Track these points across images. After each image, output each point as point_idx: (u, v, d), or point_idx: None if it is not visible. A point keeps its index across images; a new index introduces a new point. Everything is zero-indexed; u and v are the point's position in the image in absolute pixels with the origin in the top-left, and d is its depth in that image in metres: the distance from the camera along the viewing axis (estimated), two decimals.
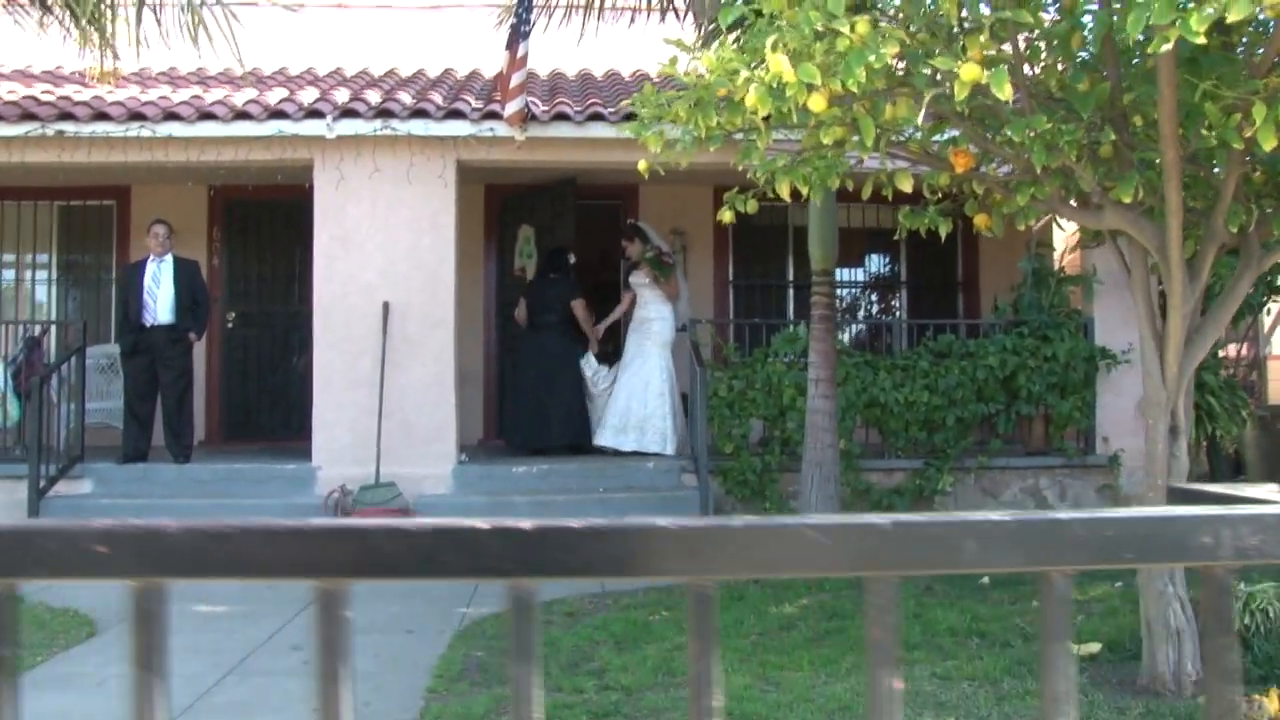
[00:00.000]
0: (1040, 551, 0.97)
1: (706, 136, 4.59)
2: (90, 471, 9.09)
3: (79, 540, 0.86)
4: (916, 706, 4.49)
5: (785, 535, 0.94)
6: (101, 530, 0.86)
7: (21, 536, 0.86)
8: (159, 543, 0.87)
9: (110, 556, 0.86)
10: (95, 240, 11.39)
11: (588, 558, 0.91)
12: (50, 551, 0.86)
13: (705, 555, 0.93)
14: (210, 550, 0.87)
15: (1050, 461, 9.26)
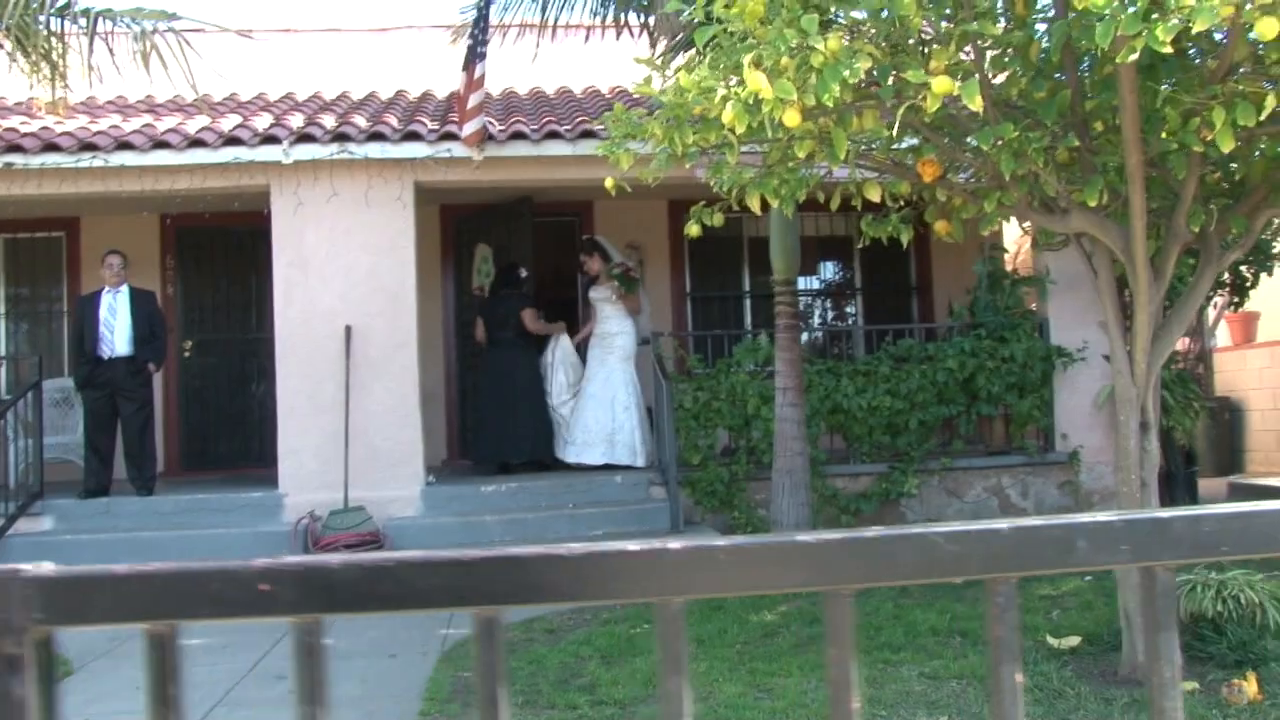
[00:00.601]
0: (1145, 548, 1.03)
1: (683, 153, 4.65)
2: (50, 508, 8.94)
3: (244, 580, 0.89)
4: (910, 706, 4.57)
5: (917, 543, 1.00)
6: (264, 569, 0.89)
7: (191, 577, 0.89)
8: (320, 579, 0.90)
9: (274, 594, 0.89)
10: (44, 273, 11.22)
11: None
12: (217, 591, 0.90)
13: (842, 564, 0.98)
14: (371, 584, 0.90)
15: (1012, 460, 9.43)
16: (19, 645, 0.88)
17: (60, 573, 0.89)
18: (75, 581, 0.89)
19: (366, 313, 8.98)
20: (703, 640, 5.87)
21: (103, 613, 0.89)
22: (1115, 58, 4.64)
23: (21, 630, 0.88)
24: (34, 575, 0.88)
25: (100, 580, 0.89)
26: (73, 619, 0.89)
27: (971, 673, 4.94)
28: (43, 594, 0.88)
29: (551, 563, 0.91)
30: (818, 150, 4.86)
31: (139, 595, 0.89)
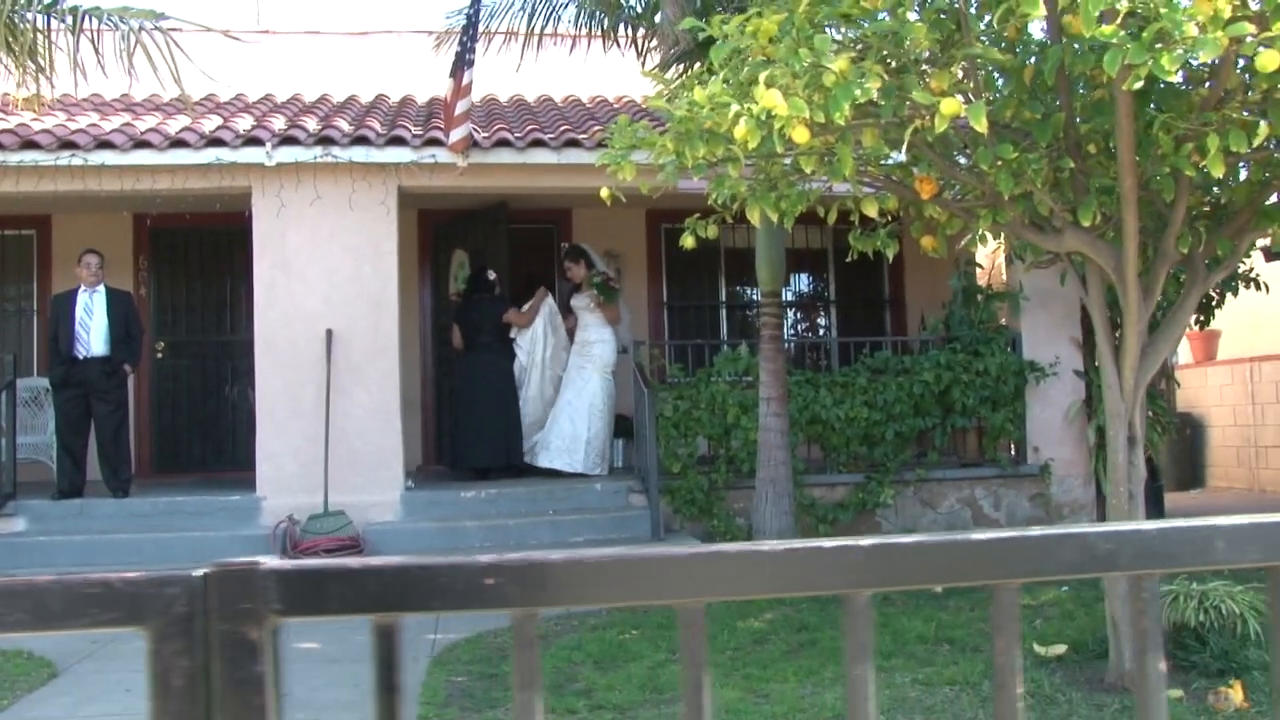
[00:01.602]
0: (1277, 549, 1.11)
1: (692, 165, 4.73)
2: (23, 509, 8.84)
3: (470, 574, 0.95)
4: (905, 711, 4.66)
5: (1068, 543, 1.07)
6: (489, 564, 0.95)
7: (420, 571, 0.95)
8: (541, 573, 0.96)
9: (497, 587, 0.95)
10: (15, 271, 11.10)
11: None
12: (445, 585, 0.95)
13: (1014, 561, 1.05)
14: (588, 578, 0.96)
15: (985, 472, 9.59)
16: (259, 632, 0.93)
17: (296, 566, 0.94)
18: (309, 575, 0.94)
19: (348, 316, 8.97)
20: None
21: (334, 604, 0.95)
22: (1108, 83, 4.80)
23: (262, 619, 0.93)
24: (272, 568, 0.94)
25: (333, 574, 0.95)
26: (307, 610, 0.95)
27: (963, 679, 5.05)
28: (280, 586, 0.94)
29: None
30: (820, 166, 4.96)
31: (370, 588, 0.95)
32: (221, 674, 0.93)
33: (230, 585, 0.93)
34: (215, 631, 0.93)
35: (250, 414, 10.80)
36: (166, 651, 0.93)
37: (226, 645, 0.93)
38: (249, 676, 0.93)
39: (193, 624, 0.93)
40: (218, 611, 0.93)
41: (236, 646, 0.93)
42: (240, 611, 0.93)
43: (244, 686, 0.93)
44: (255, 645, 0.93)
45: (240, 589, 0.93)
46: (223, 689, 0.93)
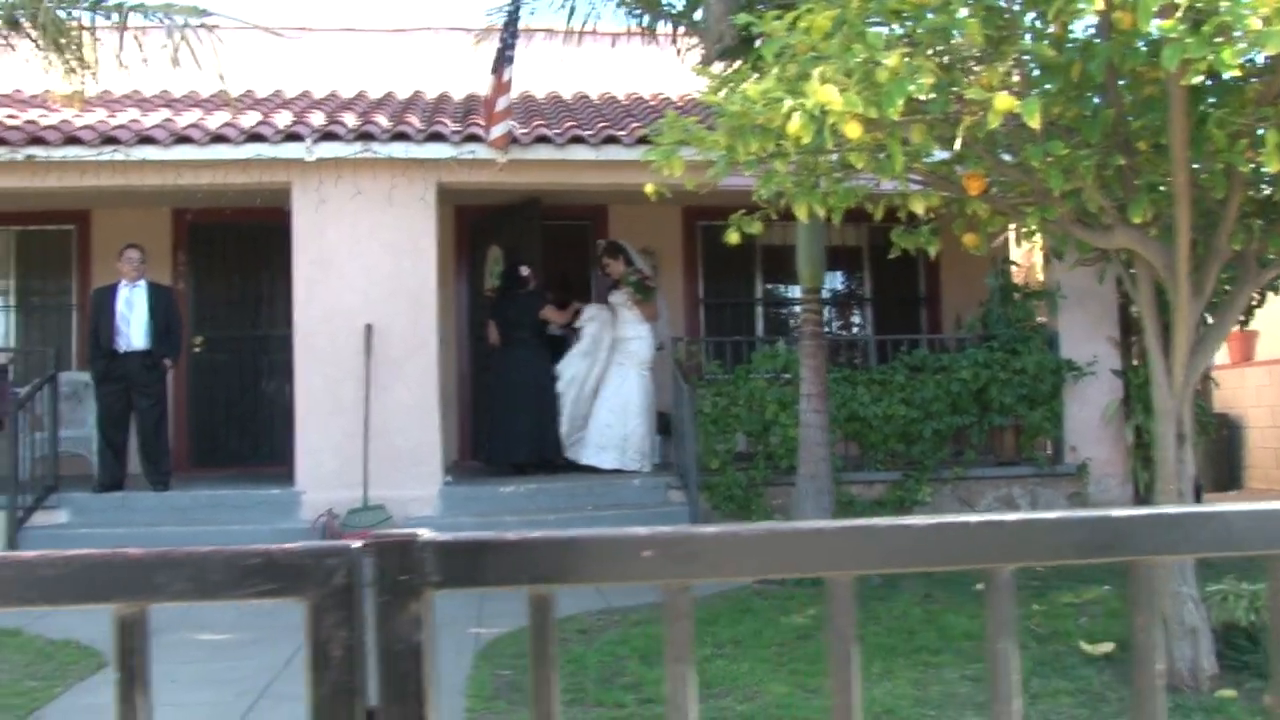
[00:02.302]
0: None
1: (744, 161, 4.73)
2: (66, 501, 8.94)
3: (628, 547, 0.96)
4: (956, 707, 4.65)
5: (1218, 521, 1.07)
6: (646, 536, 0.96)
7: (578, 545, 0.96)
8: (696, 546, 0.97)
9: (653, 559, 0.96)
10: (55, 266, 11.20)
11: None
12: (601, 557, 0.96)
13: (1157, 538, 1.05)
14: (740, 551, 0.97)
15: (1022, 471, 9.55)
16: (418, 603, 0.95)
17: (454, 539, 0.96)
18: (467, 547, 0.96)
19: (387, 312, 9.02)
20: (739, 641, 5.94)
21: (490, 576, 0.96)
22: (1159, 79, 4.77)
23: (420, 590, 0.95)
24: (430, 540, 0.95)
25: (490, 546, 0.96)
26: (463, 581, 0.96)
27: None
28: (438, 558, 0.95)
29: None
30: (870, 162, 4.95)
31: (525, 560, 0.96)
32: (380, 645, 0.94)
33: (389, 557, 0.94)
34: (375, 603, 0.94)
35: (287, 409, 10.87)
36: (326, 623, 0.94)
37: (386, 616, 0.94)
38: (408, 648, 0.94)
39: (352, 595, 0.94)
40: (377, 583, 0.94)
41: (395, 618, 0.94)
42: (399, 583, 0.94)
43: (403, 658, 0.94)
44: (414, 616, 0.94)
45: (399, 560, 0.94)
46: (382, 660, 0.94)
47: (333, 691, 0.94)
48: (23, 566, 0.95)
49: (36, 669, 6.12)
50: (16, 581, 0.95)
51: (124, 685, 0.95)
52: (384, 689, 0.94)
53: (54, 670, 6.06)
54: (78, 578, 0.95)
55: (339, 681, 0.94)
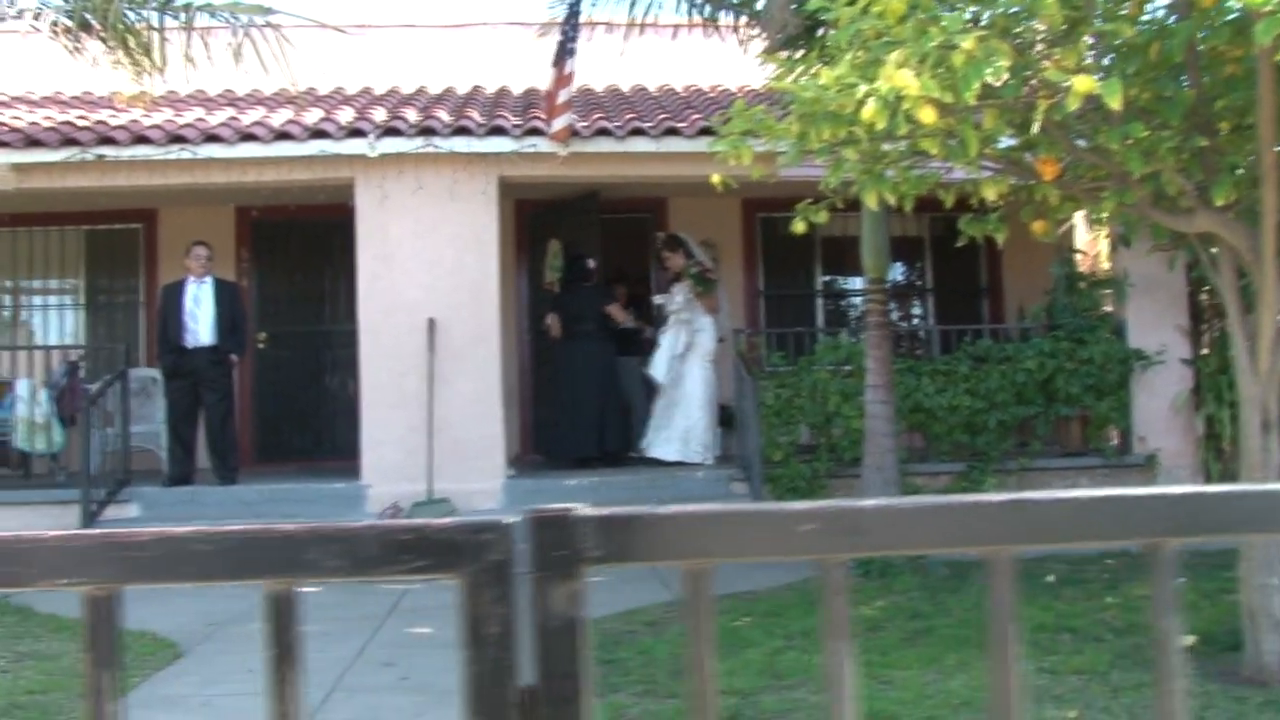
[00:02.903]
0: None
1: (817, 148, 4.69)
2: (137, 496, 9.08)
3: (784, 520, 0.94)
4: (1035, 700, 4.58)
5: None
6: (804, 510, 0.94)
7: (731, 519, 0.94)
8: (856, 519, 0.94)
9: (811, 533, 0.94)
10: (123, 264, 11.38)
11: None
12: (756, 533, 0.94)
13: None
14: (901, 525, 0.95)
15: (1089, 462, 9.40)
16: (574, 579, 0.93)
17: (610, 513, 0.94)
18: (623, 521, 0.94)
19: (450, 306, 9.06)
20: (809, 633, 5.89)
21: (646, 551, 0.94)
22: (1244, 58, 4.67)
23: (577, 566, 0.93)
24: (587, 514, 0.93)
25: (646, 520, 0.94)
26: (620, 556, 0.94)
27: (1090, 668, 4.95)
28: (595, 532, 0.93)
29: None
30: (943, 148, 4.88)
31: (681, 535, 0.94)
32: (537, 622, 0.93)
33: (546, 532, 0.93)
34: (531, 579, 0.93)
35: (349, 403, 10.97)
36: (481, 600, 0.93)
37: (541, 593, 0.93)
38: (564, 625, 0.93)
39: (506, 572, 0.93)
40: (533, 558, 0.93)
41: (551, 594, 0.93)
42: (555, 558, 0.93)
43: (560, 635, 0.93)
44: (570, 593, 0.93)
45: (556, 536, 0.93)
46: (538, 637, 0.93)
47: (488, 670, 0.93)
48: (176, 542, 0.95)
49: None
50: (170, 557, 0.95)
51: (277, 663, 0.94)
52: (540, 667, 0.93)
53: (132, 660, 6.14)
54: (230, 554, 0.95)
55: (494, 660, 0.93)
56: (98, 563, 0.96)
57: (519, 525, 0.94)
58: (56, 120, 9.37)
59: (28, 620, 6.98)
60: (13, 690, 5.49)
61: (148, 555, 0.96)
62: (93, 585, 0.96)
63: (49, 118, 9.50)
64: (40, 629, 6.73)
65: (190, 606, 7.31)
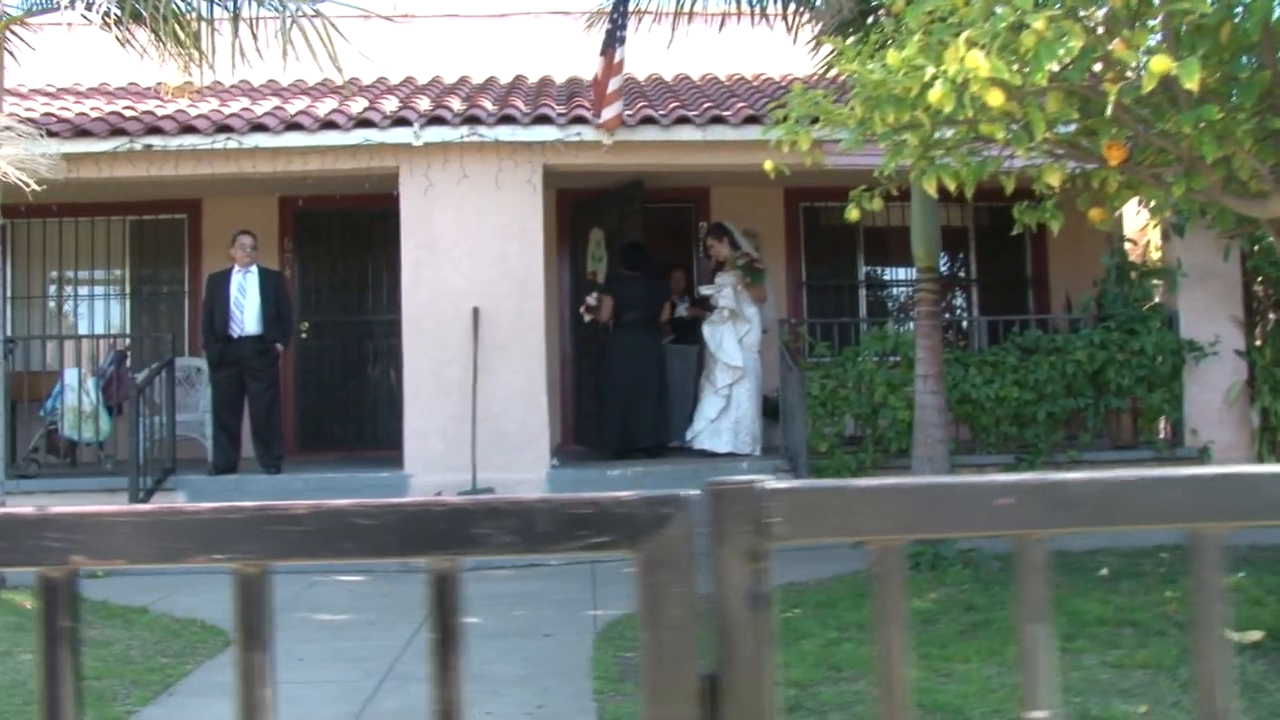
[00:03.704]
0: None
1: (880, 133, 4.61)
2: (183, 484, 9.11)
3: (983, 494, 0.88)
4: (1102, 694, 4.50)
5: None
6: (1005, 484, 0.88)
7: (931, 493, 0.89)
8: (1061, 493, 0.89)
9: (1012, 508, 0.88)
10: (168, 254, 11.43)
11: None
12: (956, 506, 0.89)
13: None
14: (1109, 498, 0.89)
15: (1140, 455, 9.27)
16: (759, 554, 0.88)
17: (797, 485, 0.89)
18: (810, 494, 0.89)
19: (494, 295, 9.03)
20: (863, 625, 5.83)
21: (833, 526, 0.89)
22: None
23: (761, 540, 0.88)
24: (772, 487, 0.88)
25: (834, 493, 0.89)
26: (805, 531, 0.89)
27: (1157, 663, 4.86)
28: (780, 505, 0.88)
29: None
30: (1008, 133, 4.80)
31: (869, 509, 0.89)
32: (721, 599, 0.88)
33: (729, 505, 0.88)
34: (714, 554, 0.88)
35: (391, 393, 10.99)
36: (659, 578, 0.88)
37: (725, 571, 0.88)
38: (749, 605, 0.88)
39: (688, 548, 0.88)
40: (716, 532, 0.88)
41: (735, 572, 0.88)
42: (739, 532, 0.88)
43: (746, 613, 0.88)
44: (755, 571, 0.88)
45: (739, 509, 0.88)
46: (723, 615, 0.88)
47: (668, 654, 0.88)
48: (336, 516, 0.91)
49: (166, 646, 6.24)
50: (333, 532, 0.90)
51: (440, 647, 0.90)
52: (723, 651, 0.88)
53: (183, 648, 6.17)
54: (394, 528, 0.90)
55: (675, 643, 0.88)
56: (252, 537, 0.91)
57: (699, 499, 0.89)
58: (104, 110, 9.41)
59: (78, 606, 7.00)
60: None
61: (304, 530, 0.91)
62: (244, 561, 0.92)
63: (96, 108, 9.54)
64: (92, 615, 6.75)
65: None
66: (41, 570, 0.94)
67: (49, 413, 9.34)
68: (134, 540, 0.93)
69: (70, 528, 0.93)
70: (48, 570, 0.93)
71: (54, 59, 10.42)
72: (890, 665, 0.87)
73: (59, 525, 0.93)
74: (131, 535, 0.93)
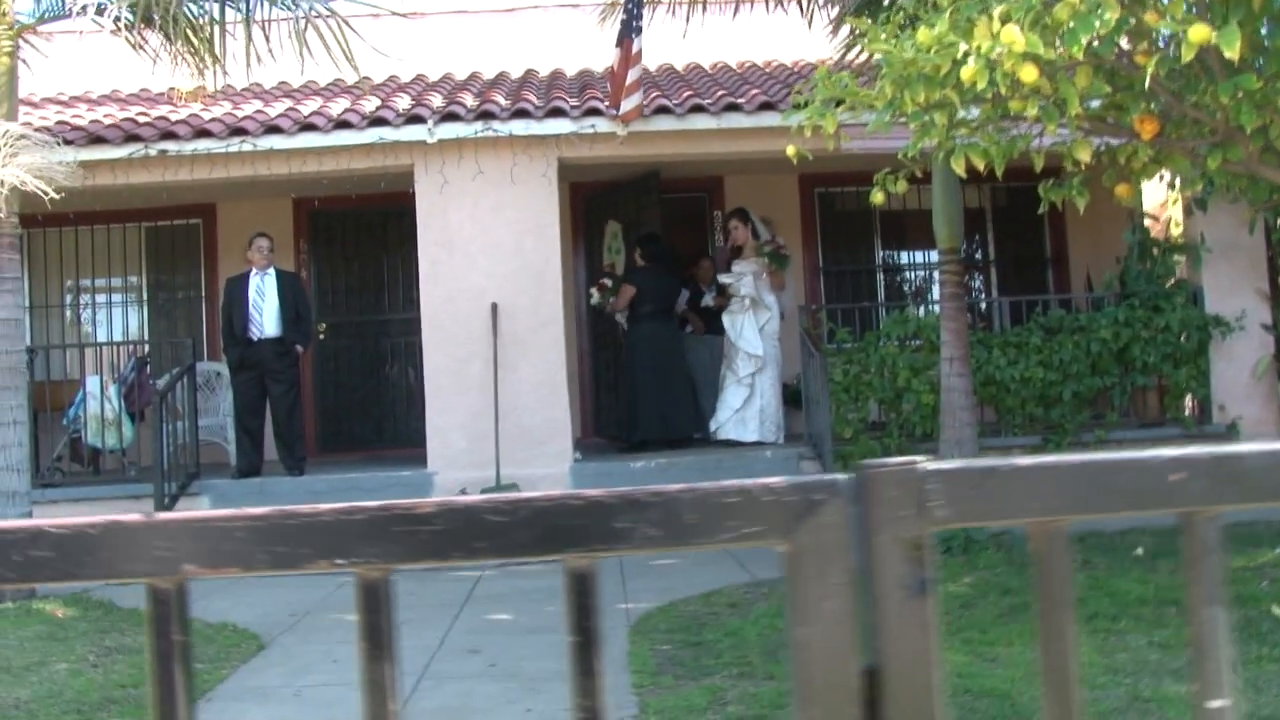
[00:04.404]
0: None
1: (910, 112, 4.56)
2: (207, 488, 9.10)
3: (1154, 469, 0.83)
4: (1152, 675, 4.45)
5: None
6: (1172, 459, 0.83)
7: (1101, 468, 0.84)
8: (1238, 466, 0.84)
9: (1184, 484, 0.83)
10: (184, 259, 11.41)
11: None
12: (1124, 482, 0.84)
13: None
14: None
15: (1167, 432, 9.19)
16: (921, 541, 0.83)
17: (960, 465, 0.84)
18: (974, 474, 0.84)
19: (512, 290, 8.99)
20: None
21: (1000, 508, 0.84)
22: None
23: (923, 526, 0.83)
24: (934, 468, 0.83)
25: (999, 473, 0.84)
26: (968, 515, 0.84)
27: None
28: (941, 488, 0.83)
29: None
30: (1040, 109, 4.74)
31: (1039, 488, 0.84)
32: (879, 589, 0.83)
33: (886, 488, 0.83)
34: (870, 541, 0.83)
35: (410, 392, 10.96)
36: (812, 569, 0.83)
37: (883, 559, 0.83)
38: (911, 595, 0.83)
39: (844, 536, 0.83)
40: (872, 518, 0.83)
41: (895, 560, 0.83)
42: (900, 519, 0.83)
43: (905, 607, 0.83)
44: (916, 558, 0.83)
45: (897, 492, 0.83)
46: (880, 606, 0.83)
47: (823, 651, 0.83)
48: (467, 514, 0.86)
49: (200, 651, 6.20)
50: (464, 531, 0.86)
51: (580, 649, 0.85)
52: (884, 644, 0.83)
53: (218, 653, 6.14)
54: (530, 525, 0.86)
55: (831, 638, 0.83)
56: (377, 539, 0.87)
57: (852, 483, 0.84)
58: (117, 117, 9.39)
59: (110, 614, 7.00)
60: (105, 684, 5.48)
61: (432, 530, 0.87)
62: (367, 566, 0.87)
63: (109, 115, 9.51)
64: (124, 623, 6.74)
65: (266, 597, 7.32)
66: (151, 581, 0.89)
67: (72, 421, 9.33)
68: (249, 547, 0.88)
69: (180, 535, 0.88)
70: (157, 581, 0.88)
71: (65, 68, 10.38)
72: (1060, 656, 0.82)
73: (167, 533, 0.88)
74: (246, 541, 0.88)
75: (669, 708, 4.64)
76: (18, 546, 0.87)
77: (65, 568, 0.88)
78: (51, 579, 0.90)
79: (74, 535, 0.88)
